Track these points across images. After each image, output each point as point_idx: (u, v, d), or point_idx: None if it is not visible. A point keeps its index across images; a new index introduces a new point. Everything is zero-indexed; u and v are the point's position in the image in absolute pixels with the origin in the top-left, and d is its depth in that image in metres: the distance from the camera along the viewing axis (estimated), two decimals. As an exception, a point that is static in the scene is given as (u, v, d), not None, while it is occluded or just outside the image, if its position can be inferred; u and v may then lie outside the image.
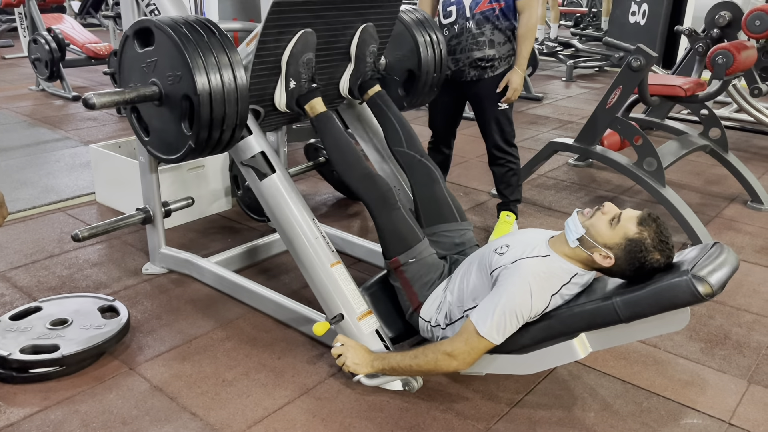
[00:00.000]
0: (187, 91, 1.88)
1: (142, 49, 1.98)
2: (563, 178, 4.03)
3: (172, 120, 1.98)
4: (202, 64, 1.86)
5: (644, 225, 1.70)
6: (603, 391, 2.01)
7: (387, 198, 2.12)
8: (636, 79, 3.06)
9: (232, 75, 1.92)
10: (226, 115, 1.93)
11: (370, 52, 2.38)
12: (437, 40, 2.66)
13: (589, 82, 7.33)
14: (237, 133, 2.03)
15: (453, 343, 1.78)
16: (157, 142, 2.11)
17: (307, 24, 2.13)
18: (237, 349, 2.17)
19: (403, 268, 2.07)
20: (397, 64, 2.66)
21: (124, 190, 3.17)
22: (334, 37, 2.28)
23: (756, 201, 3.58)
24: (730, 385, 2.06)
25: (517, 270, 1.78)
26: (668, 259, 1.70)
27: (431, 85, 2.70)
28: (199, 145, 1.97)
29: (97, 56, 6.15)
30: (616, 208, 1.77)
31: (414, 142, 2.38)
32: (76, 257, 2.78)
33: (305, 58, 2.17)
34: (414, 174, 2.34)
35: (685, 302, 1.55)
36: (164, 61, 1.92)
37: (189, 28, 1.89)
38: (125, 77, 2.09)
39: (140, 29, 1.97)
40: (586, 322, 1.71)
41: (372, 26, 2.35)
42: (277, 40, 2.10)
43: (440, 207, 2.28)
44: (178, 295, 2.49)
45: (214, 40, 1.92)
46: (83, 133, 4.68)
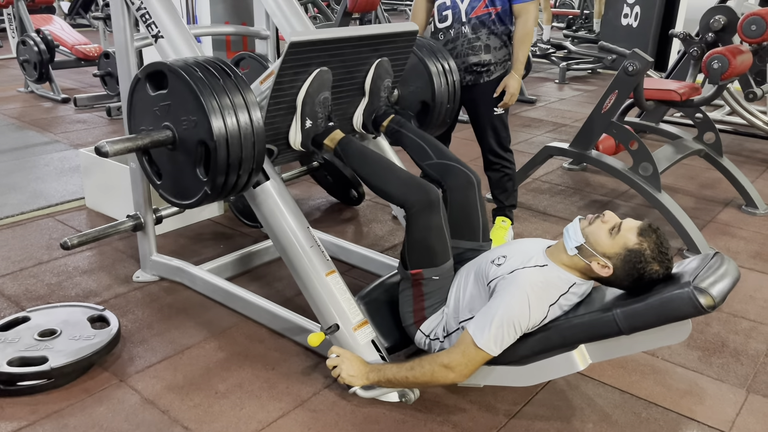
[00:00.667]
0: (203, 137, 1.83)
1: (154, 92, 1.93)
2: (558, 182, 4.01)
3: (187, 165, 1.93)
4: (218, 107, 1.80)
5: (644, 236, 1.68)
6: (601, 401, 1.99)
7: (433, 202, 1.95)
8: (632, 84, 3.04)
9: (248, 117, 1.86)
10: (243, 158, 1.87)
11: (385, 87, 2.32)
12: (449, 69, 2.60)
13: (582, 84, 7.33)
14: (253, 177, 1.98)
15: (450, 354, 1.75)
16: (170, 186, 2.05)
17: (322, 63, 2.07)
18: (230, 360, 2.13)
19: (424, 281, 1.98)
20: (409, 96, 2.59)
21: (115, 196, 3.12)
22: (349, 74, 2.22)
23: (750, 205, 3.57)
24: (728, 394, 2.04)
25: (514, 280, 1.75)
26: (667, 270, 1.68)
27: (445, 116, 2.64)
28: (215, 191, 1.91)
29: (86, 58, 6.08)
30: (616, 217, 1.75)
31: (443, 152, 2.24)
32: (66, 264, 2.73)
33: (321, 97, 2.10)
34: (450, 178, 2.16)
35: (687, 314, 1.53)
36: (178, 105, 1.86)
37: (204, 70, 1.84)
38: (136, 120, 2.04)
39: (153, 72, 1.92)
40: (586, 333, 1.69)
41: (387, 61, 2.29)
42: (292, 80, 2.03)
43: (469, 220, 2.14)
44: (169, 304, 2.45)
45: (229, 82, 1.87)
46: (72, 137, 4.62)
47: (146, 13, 2.17)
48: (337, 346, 1.96)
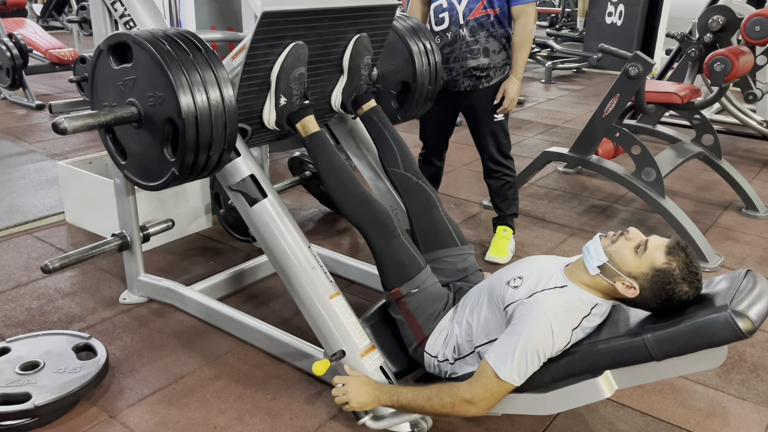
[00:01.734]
0: (170, 114, 1.70)
1: (118, 65, 1.79)
2: (554, 187, 3.93)
3: (153, 144, 1.80)
4: (186, 83, 1.67)
5: (673, 254, 1.58)
6: (623, 426, 1.89)
7: (386, 225, 1.96)
8: (634, 87, 2.96)
9: (219, 94, 1.75)
10: (213, 138, 1.76)
11: (365, 64, 2.22)
12: (431, 49, 2.50)
13: (569, 83, 7.28)
14: (225, 156, 1.86)
15: (471, 388, 1.63)
16: (135, 167, 1.92)
17: (298, 36, 1.97)
18: (228, 389, 2.00)
19: (406, 299, 1.92)
20: (390, 75, 2.50)
21: (97, 210, 2.96)
22: (326, 49, 2.12)
23: (751, 208, 3.52)
24: (752, 414, 1.96)
25: (534, 305, 1.64)
26: (697, 291, 1.58)
27: (426, 97, 2.55)
28: (184, 172, 1.79)
29: (61, 62, 5.87)
30: (641, 234, 1.65)
31: (411, 163, 2.24)
32: (46, 286, 2.57)
33: (297, 73, 2.01)
34: (411, 198, 2.20)
35: (725, 340, 1.43)
36: (144, 80, 1.73)
37: (171, 43, 1.71)
38: (99, 96, 1.90)
39: (116, 44, 1.78)
40: (613, 359, 1.58)
41: (366, 37, 2.19)
42: (266, 54, 1.93)
43: (439, 232, 2.15)
44: (160, 328, 2.31)
45: (200, 57, 1.74)
46: (49, 146, 4.43)
47: (129, 21, 2.03)
48: (338, 377, 1.84)
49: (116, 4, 2.03)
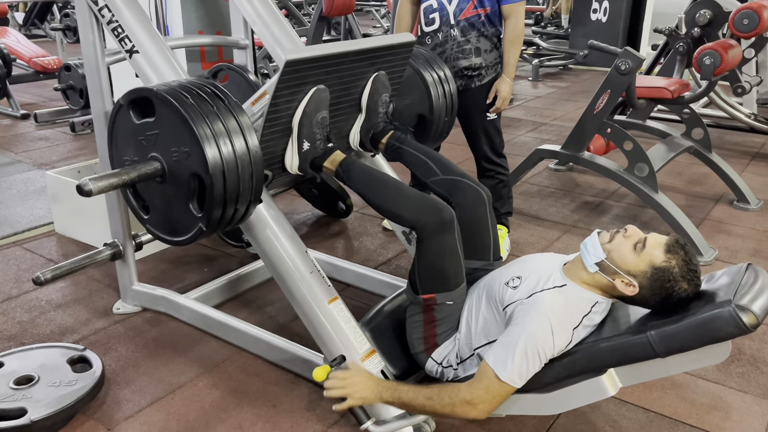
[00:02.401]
0: (196, 169, 1.64)
1: (139, 119, 1.74)
2: (546, 184, 3.93)
3: (178, 199, 1.73)
4: (212, 135, 1.62)
5: (672, 252, 1.57)
6: (626, 423, 1.88)
7: (447, 222, 1.81)
8: (624, 83, 2.96)
9: (244, 144, 1.68)
10: (240, 191, 1.70)
11: (383, 102, 2.16)
12: (445, 78, 2.43)
13: (556, 80, 7.30)
14: (251, 208, 1.80)
15: (472, 389, 1.61)
16: (159, 221, 1.86)
17: (319, 80, 1.90)
18: (226, 398, 1.97)
19: (437, 307, 1.84)
20: (406, 109, 2.43)
21: (87, 220, 2.92)
22: (346, 90, 2.06)
23: (742, 200, 3.53)
24: (754, 407, 1.96)
25: (534, 306, 1.63)
26: (696, 288, 1.58)
27: (443, 130, 2.47)
28: (211, 226, 1.72)
29: (45, 70, 5.80)
30: (640, 231, 1.64)
31: (448, 167, 2.11)
32: (38, 298, 2.53)
33: (319, 117, 1.94)
34: (459, 195, 2.03)
35: (729, 334, 1.42)
36: (168, 135, 1.68)
37: (194, 96, 1.65)
38: (119, 150, 1.84)
39: (138, 99, 1.72)
40: (617, 357, 1.57)
41: (384, 75, 2.13)
42: (288, 101, 1.86)
43: (480, 239, 2.01)
44: (155, 337, 2.28)
45: (222, 107, 1.68)
46: (35, 155, 4.37)
47: (118, 26, 1.99)
48: (339, 371, 1.77)
49: (104, 11, 1.99)
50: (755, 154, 4.54)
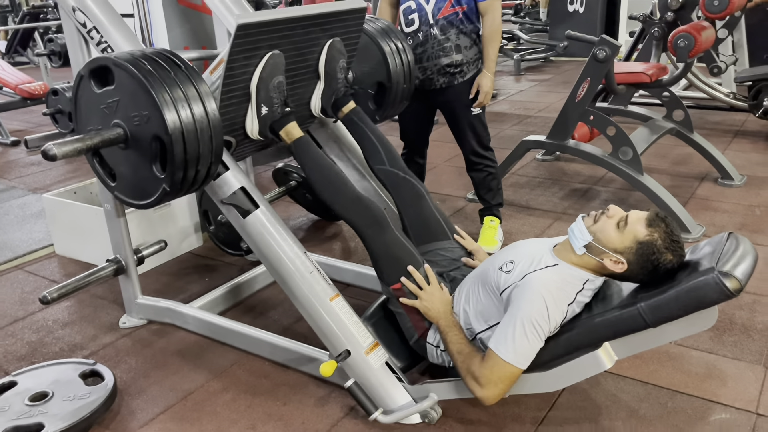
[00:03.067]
0: (157, 132, 1.73)
1: (100, 89, 1.82)
2: (534, 175, 4.00)
3: (142, 163, 1.82)
4: (170, 100, 1.70)
5: (654, 226, 1.64)
6: (625, 396, 1.95)
7: (380, 222, 2.01)
8: (603, 70, 3.04)
9: (203, 108, 1.78)
10: (201, 152, 1.78)
11: (340, 68, 2.26)
12: (403, 48, 2.56)
13: (538, 73, 7.38)
14: (213, 169, 1.89)
15: (481, 368, 1.68)
16: (126, 187, 1.94)
17: (273, 46, 2.01)
18: (237, 401, 2.02)
19: (408, 293, 1.96)
20: (365, 77, 2.55)
21: (86, 239, 2.96)
22: (302, 56, 2.16)
23: (726, 177, 3.62)
24: (747, 372, 2.03)
25: (528, 285, 1.70)
26: (681, 258, 1.65)
27: (402, 96, 2.60)
28: (174, 187, 1.81)
29: (32, 97, 5.82)
30: (621, 210, 1.71)
31: (396, 159, 2.29)
32: (44, 319, 2.57)
33: (276, 82, 2.05)
34: (399, 193, 2.25)
35: (714, 300, 1.49)
36: (128, 101, 1.76)
37: (152, 62, 1.74)
38: (83, 120, 1.91)
39: (97, 68, 1.81)
40: (611, 330, 1.64)
41: (339, 41, 2.24)
42: (244, 66, 1.97)
43: (430, 225, 2.20)
44: (163, 348, 2.32)
45: (180, 73, 1.77)
46: (29, 180, 4.40)
47: (108, 47, 2.05)
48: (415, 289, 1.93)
49: (92, 32, 2.05)
50: (737, 131, 4.63)
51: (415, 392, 1.89)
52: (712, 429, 1.80)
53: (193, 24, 2.85)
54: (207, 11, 2.84)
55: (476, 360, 1.73)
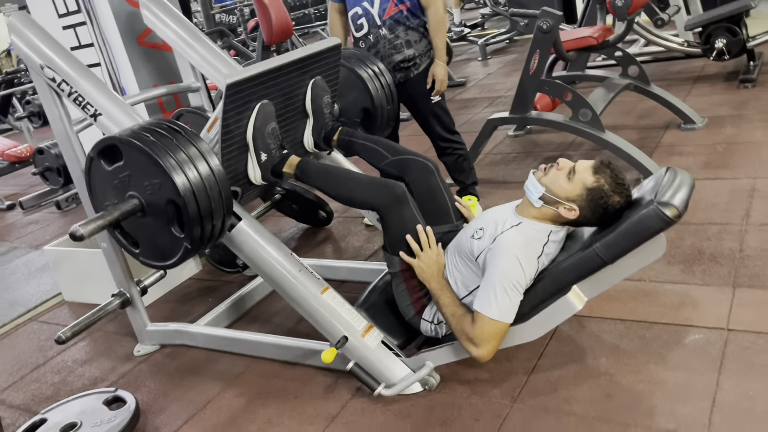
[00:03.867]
0: (170, 196, 1.86)
1: (110, 166, 1.95)
2: (508, 151, 4.15)
3: (161, 227, 1.95)
4: (176, 164, 1.83)
5: (599, 172, 1.79)
6: (607, 336, 2.09)
7: (400, 196, 2.03)
8: (549, 40, 3.19)
9: (207, 166, 1.91)
10: (213, 207, 1.91)
11: (326, 103, 2.39)
12: (380, 71, 2.67)
13: (504, 55, 7.53)
14: (227, 222, 2.02)
15: (473, 330, 1.83)
16: (149, 251, 2.07)
17: (261, 96, 2.14)
18: (253, 402, 2.17)
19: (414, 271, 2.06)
20: (350, 106, 2.66)
21: (91, 282, 3.11)
22: (289, 100, 2.29)
23: (688, 122, 3.76)
24: (717, 295, 2.17)
25: (498, 247, 1.85)
26: (628, 198, 1.79)
27: (389, 118, 2.71)
28: (194, 244, 1.94)
29: (20, 160, 5.98)
30: (569, 161, 1.86)
31: (396, 148, 2.34)
32: (63, 361, 2.72)
33: (269, 128, 2.17)
34: (409, 172, 2.24)
35: (657, 229, 1.64)
36: (138, 173, 1.89)
37: (153, 133, 1.88)
38: (99, 198, 2.06)
39: (105, 147, 1.94)
40: (575, 274, 1.79)
41: (321, 79, 2.37)
42: (238, 119, 2.10)
43: (439, 205, 2.21)
44: (177, 367, 2.47)
45: (180, 138, 1.91)
46: (29, 239, 4.56)
47: (78, 96, 2.20)
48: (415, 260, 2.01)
49: (62, 85, 2.20)
50: (697, 77, 4.78)
51: (412, 363, 2.03)
52: (687, 350, 1.94)
53: (157, 63, 3.01)
54: (168, 48, 3.00)
55: (468, 321, 1.87)
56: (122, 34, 2.89)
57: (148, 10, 2.71)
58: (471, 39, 8.04)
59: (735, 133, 3.53)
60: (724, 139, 3.49)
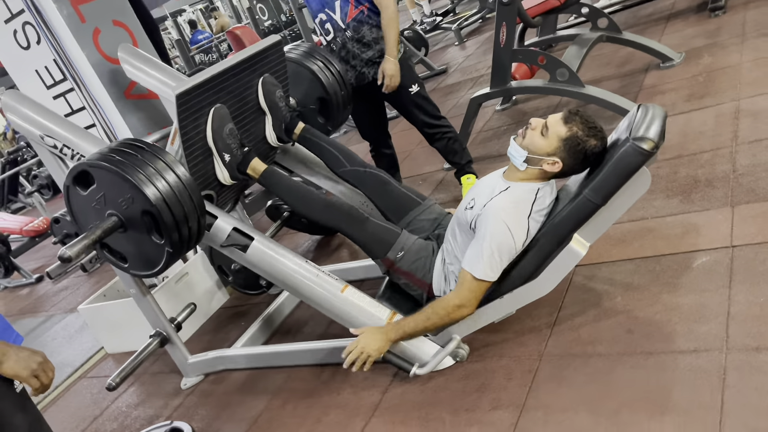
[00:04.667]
0: (144, 207, 2.00)
1: (85, 190, 2.08)
2: (498, 125, 4.23)
3: (142, 238, 2.08)
4: (145, 178, 1.97)
5: (570, 121, 1.88)
6: (619, 277, 2.17)
7: (352, 215, 2.26)
8: (513, 11, 3.28)
9: (174, 175, 2.04)
10: (186, 212, 2.05)
11: (279, 97, 2.53)
12: (329, 61, 2.83)
13: (479, 35, 7.61)
14: (203, 221, 2.15)
15: (459, 294, 1.94)
16: (137, 263, 2.21)
17: (213, 101, 2.28)
18: (298, 407, 2.27)
19: (398, 263, 2.21)
20: (306, 98, 2.83)
21: (128, 330, 3.24)
22: (243, 100, 2.44)
23: (666, 60, 3.82)
24: (717, 216, 2.24)
25: (487, 212, 1.95)
26: (603, 140, 1.88)
27: (344, 102, 2.87)
28: (176, 247, 2.07)
29: (38, 233, 6.19)
30: (540, 120, 1.95)
31: (353, 159, 2.52)
32: (118, 407, 2.85)
33: (227, 130, 2.31)
34: (366, 186, 2.49)
35: (638, 164, 1.72)
36: (112, 192, 2.03)
37: (119, 153, 2.01)
38: (83, 222, 2.18)
39: (77, 174, 2.06)
40: (572, 222, 1.87)
41: (269, 76, 2.51)
42: (195, 126, 2.24)
43: (401, 200, 2.41)
44: (224, 391, 2.59)
45: (145, 153, 2.04)
46: (63, 305, 4.73)
47: (80, 155, 2.34)
48: (350, 343, 2.09)
49: (64, 150, 2.34)
50: (668, 15, 4.83)
51: (440, 340, 2.13)
52: (697, 273, 2.02)
53: (146, 111, 3.14)
54: (154, 96, 3.13)
55: (445, 299, 1.98)
56: (109, 92, 3.02)
57: (129, 63, 2.84)
58: (444, 26, 8.13)
59: (712, 62, 3.59)
60: (703, 69, 3.55)
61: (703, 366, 1.67)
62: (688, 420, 1.54)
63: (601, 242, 2.34)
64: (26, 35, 3.10)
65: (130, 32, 3.15)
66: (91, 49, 2.96)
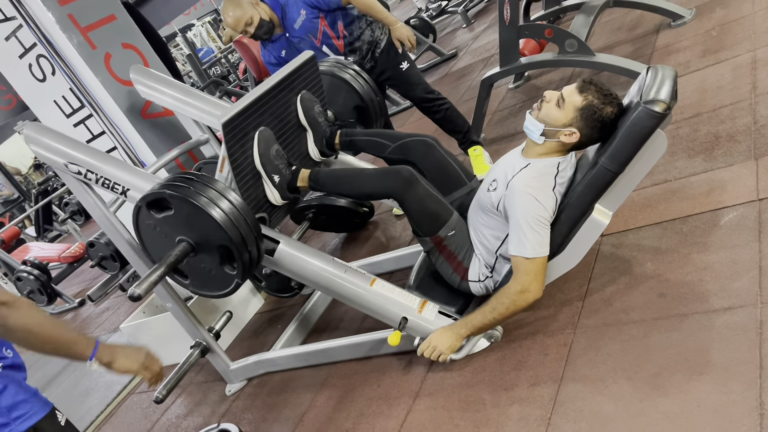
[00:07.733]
0: (222, 243, 2.02)
1: (159, 214, 2.10)
2: (513, 103, 4.20)
3: (210, 262, 2.11)
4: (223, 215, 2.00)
5: (585, 90, 1.86)
6: (647, 242, 2.15)
7: (409, 178, 2.15)
8: (515, -14, 3.25)
9: (228, 202, 2.04)
10: (244, 236, 2.04)
11: (318, 113, 2.54)
12: (358, 70, 2.85)
13: (486, 14, 7.55)
14: (260, 244, 2.15)
15: (518, 281, 1.92)
16: (200, 282, 2.24)
17: (257, 124, 2.29)
18: (342, 401, 2.31)
19: (446, 242, 2.18)
20: (343, 109, 2.82)
21: (170, 344, 3.31)
22: (284, 120, 2.44)
23: (677, 18, 3.75)
24: (742, 170, 2.21)
25: (513, 191, 1.94)
26: (619, 107, 1.86)
27: (380, 108, 2.87)
28: (244, 277, 2.10)
29: (76, 259, 6.36)
30: (555, 92, 1.94)
31: (394, 135, 2.48)
32: (168, 419, 2.93)
33: (273, 151, 2.32)
34: (412, 152, 2.37)
35: (652, 127, 1.71)
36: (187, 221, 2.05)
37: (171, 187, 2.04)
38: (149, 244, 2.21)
39: (154, 200, 2.08)
40: (592, 192, 1.87)
41: (306, 92, 2.51)
42: (242, 152, 2.25)
43: (448, 174, 2.33)
44: (268, 393, 2.64)
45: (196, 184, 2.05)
46: (107, 325, 4.85)
47: (104, 179, 2.39)
48: (424, 342, 2.11)
49: (89, 175, 2.39)
50: (676, -28, 4.73)
51: (473, 323, 2.13)
52: (725, 230, 1.99)
53: (164, 129, 3.20)
54: (170, 113, 3.19)
55: (507, 288, 1.95)
56: (126, 114, 3.09)
57: (142, 84, 2.90)
58: (450, 10, 8.08)
59: (725, 14, 3.51)
60: (716, 23, 3.47)
61: (738, 322, 1.65)
62: (728, 377, 1.53)
63: (626, 209, 2.33)
64: (41, 68, 3.19)
65: (140, 53, 3.22)
66: (104, 74, 3.04)
